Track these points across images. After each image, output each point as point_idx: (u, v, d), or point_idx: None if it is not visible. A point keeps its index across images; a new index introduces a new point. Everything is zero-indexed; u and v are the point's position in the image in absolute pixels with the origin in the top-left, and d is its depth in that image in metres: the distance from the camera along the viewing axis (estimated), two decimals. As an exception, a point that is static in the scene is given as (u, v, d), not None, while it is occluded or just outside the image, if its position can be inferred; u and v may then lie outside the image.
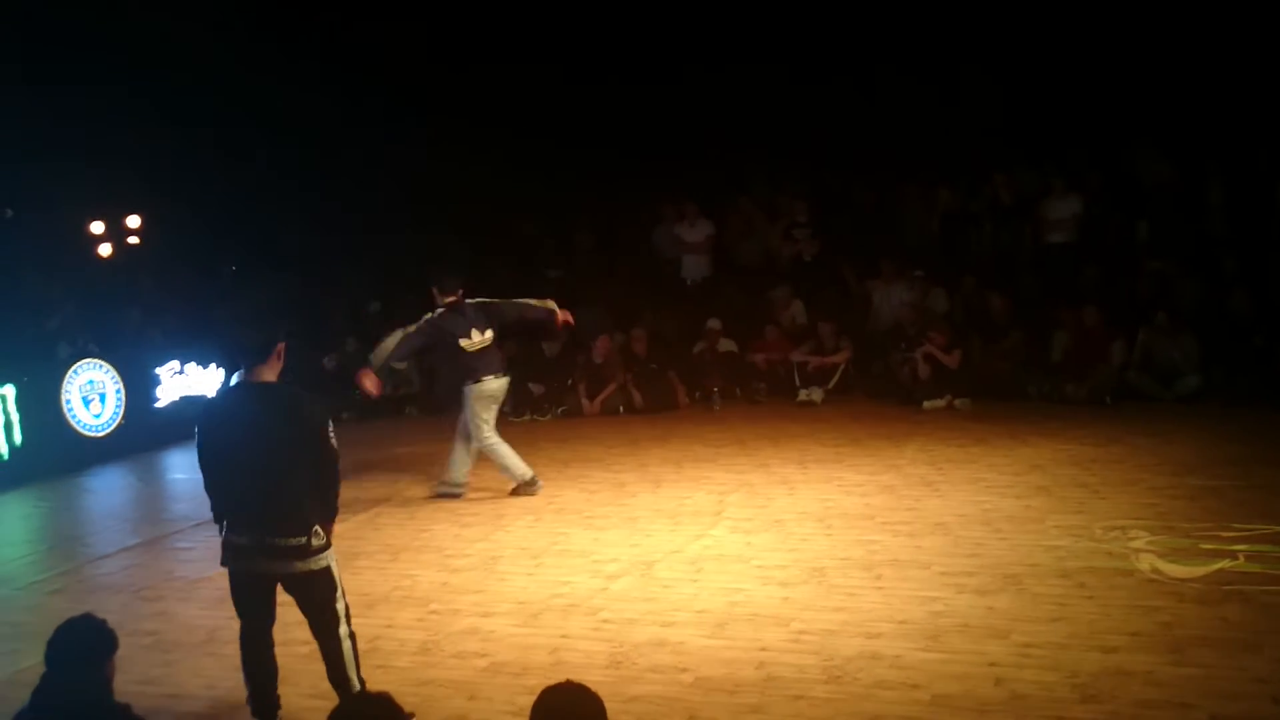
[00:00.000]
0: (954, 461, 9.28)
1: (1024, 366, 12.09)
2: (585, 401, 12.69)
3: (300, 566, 4.80)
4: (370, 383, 8.63)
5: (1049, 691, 4.87)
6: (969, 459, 9.33)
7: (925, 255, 13.94)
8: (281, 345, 4.88)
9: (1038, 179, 13.62)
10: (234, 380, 5.01)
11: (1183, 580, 6.15)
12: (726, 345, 13.28)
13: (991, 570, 6.47)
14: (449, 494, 9.10)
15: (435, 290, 9.15)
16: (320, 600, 4.89)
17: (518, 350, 13.57)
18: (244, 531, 4.81)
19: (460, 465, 9.13)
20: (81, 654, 3.83)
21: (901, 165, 14.56)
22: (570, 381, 12.90)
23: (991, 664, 5.18)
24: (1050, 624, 5.61)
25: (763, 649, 5.52)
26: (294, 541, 4.76)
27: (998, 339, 12.39)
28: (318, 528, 4.84)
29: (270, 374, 4.83)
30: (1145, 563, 6.44)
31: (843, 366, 12.76)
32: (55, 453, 11.06)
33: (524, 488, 9.04)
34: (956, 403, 11.66)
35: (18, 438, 10.83)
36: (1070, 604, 5.88)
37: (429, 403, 13.70)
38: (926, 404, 11.70)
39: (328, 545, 4.88)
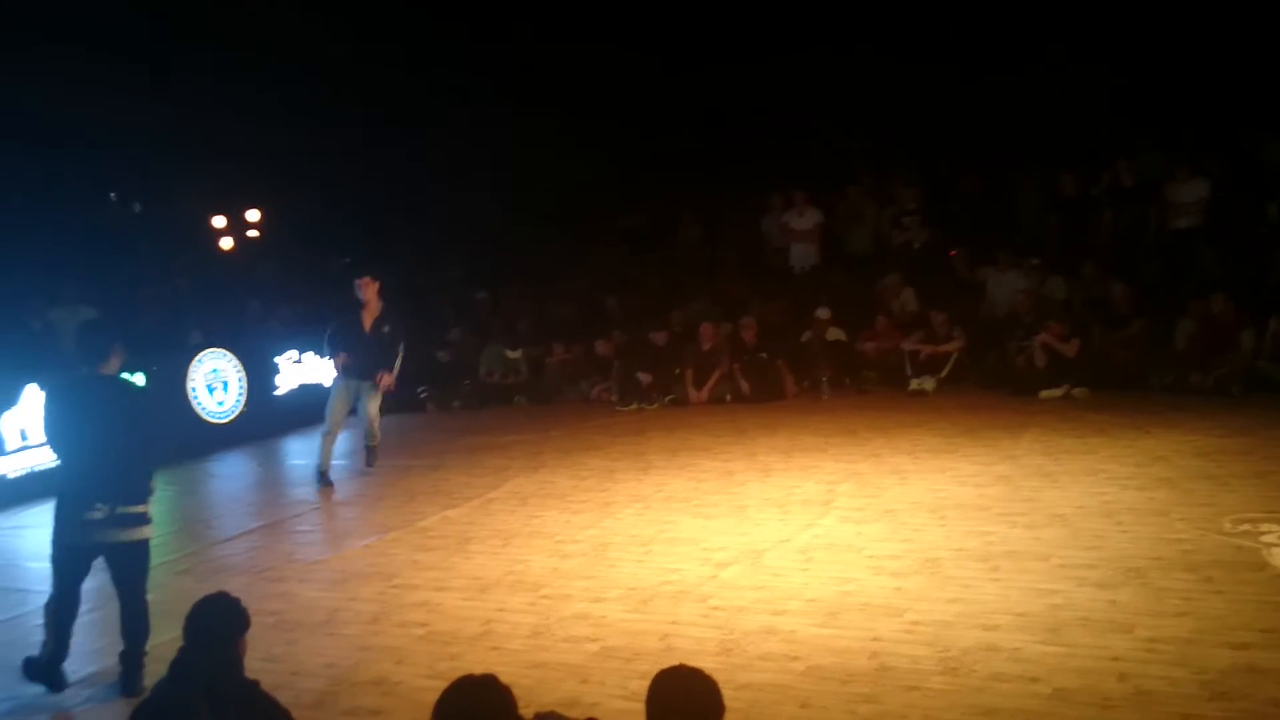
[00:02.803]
0: (1072, 452, 9.02)
1: (1147, 356, 11.71)
2: (692, 390, 12.69)
3: (137, 534, 5.58)
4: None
5: (1176, 688, 4.71)
6: (1088, 450, 9.07)
7: (1040, 241, 13.60)
8: (118, 348, 5.69)
9: (1162, 162, 13.17)
10: (84, 372, 5.74)
11: (1318, 576, 5.89)
12: (835, 334, 13.14)
13: (1113, 563, 6.28)
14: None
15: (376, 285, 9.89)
16: (141, 567, 5.68)
17: (626, 340, 13.67)
18: (93, 504, 5.46)
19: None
20: (217, 630, 3.97)
21: (1016, 151, 14.23)
22: (678, 371, 12.91)
23: (1115, 658, 5.02)
24: (1176, 619, 5.42)
25: (875, 639, 5.45)
26: (136, 509, 5.55)
27: (1119, 327, 12.02)
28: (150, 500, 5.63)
29: (109, 370, 5.66)
30: (1277, 558, 6.18)
31: (955, 355, 12.52)
32: (181, 438, 11.45)
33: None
34: (1074, 392, 11.35)
35: (147, 424, 11.25)
36: (1197, 599, 5.67)
37: (537, 391, 13.85)
38: (1043, 394, 11.42)
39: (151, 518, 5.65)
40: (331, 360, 10.09)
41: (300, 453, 12.17)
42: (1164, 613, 5.51)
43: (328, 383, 13.85)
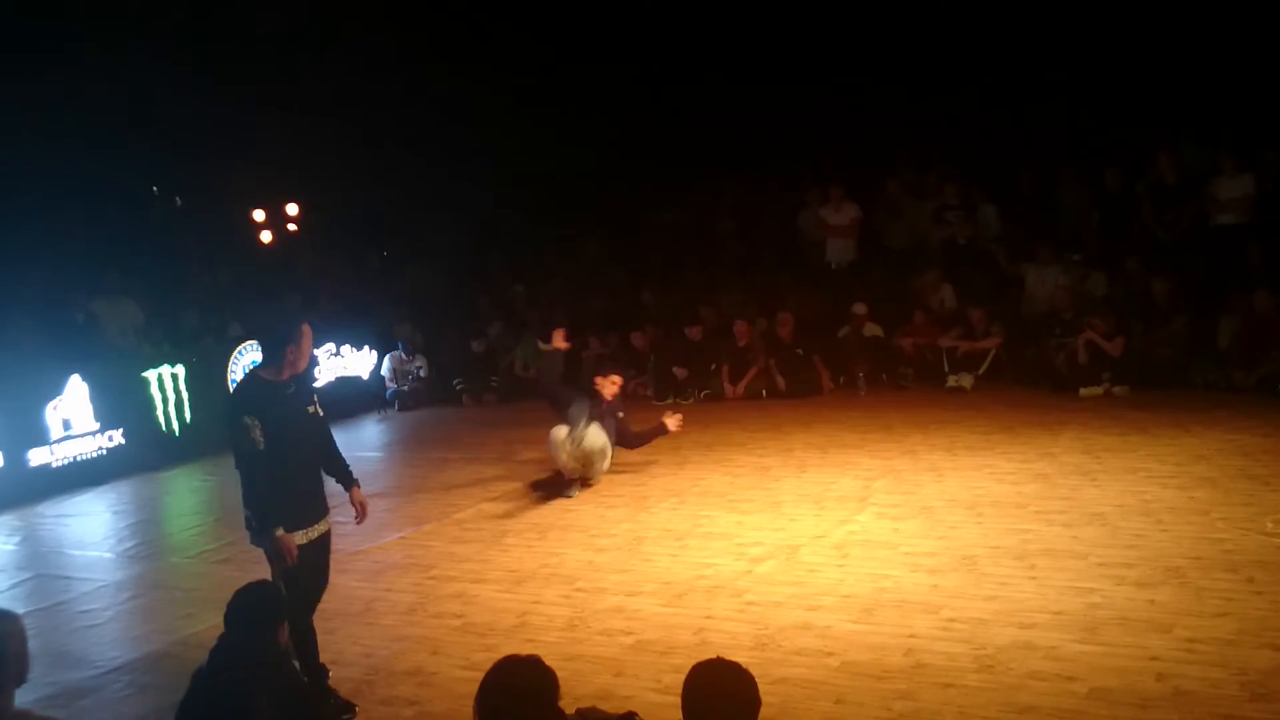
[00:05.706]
0: (1112, 450, 8.93)
1: (1189, 353, 11.56)
2: (728, 385, 12.67)
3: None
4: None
5: (1216, 688, 4.66)
6: (1128, 448, 8.97)
7: (1083, 237, 13.45)
8: (288, 348, 5.52)
9: (1207, 157, 12.95)
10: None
11: (1363, 578, 5.80)
12: (872, 330, 13.06)
13: (1152, 562, 6.21)
14: None
15: None
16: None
17: (661, 334, 13.67)
18: None
19: None
20: (258, 617, 4.02)
21: (1058, 145, 14.07)
22: (714, 366, 12.89)
23: (1153, 658, 4.98)
24: (1216, 619, 5.36)
25: (911, 635, 5.43)
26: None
27: (1161, 324, 11.87)
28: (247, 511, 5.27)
29: (269, 373, 5.54)
30: (1321, 559, 6.10)
31: (994, 352, 12.42)
32: (222, 429, 11.52)
33: None
34: (1115, 390, 11.23)
35: (188, 415, 11.40)
36: (1238, 599, 5.61)
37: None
38: (1083, 391, 11.30)
39: (256, 529, 5.19)
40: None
41: (339, 444, 12.25)
42: (1204, 613, 5.45)
43: (365, 376, 14.06)
